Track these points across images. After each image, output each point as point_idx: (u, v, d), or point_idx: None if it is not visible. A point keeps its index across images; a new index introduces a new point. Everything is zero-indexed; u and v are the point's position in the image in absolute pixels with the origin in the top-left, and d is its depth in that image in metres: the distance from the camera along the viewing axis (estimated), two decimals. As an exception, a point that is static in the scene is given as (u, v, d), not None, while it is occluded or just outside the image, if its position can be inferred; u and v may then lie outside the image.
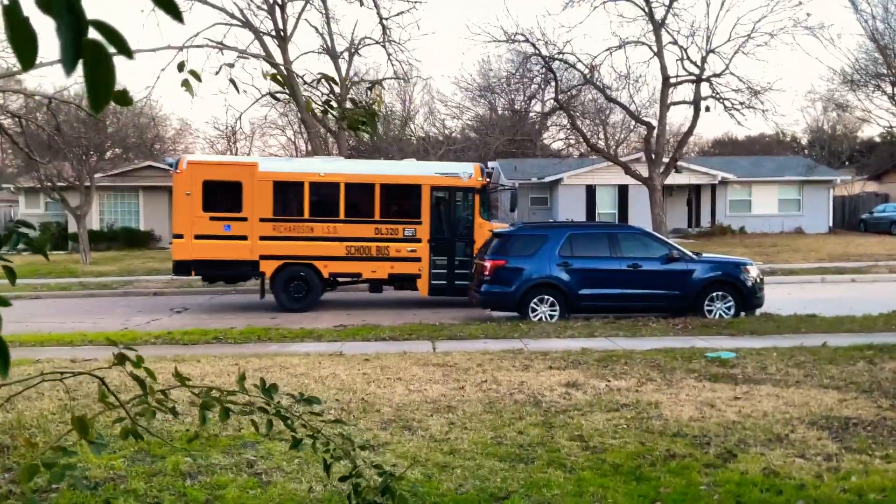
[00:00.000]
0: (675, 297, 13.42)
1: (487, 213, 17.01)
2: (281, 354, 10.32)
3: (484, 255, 13.94)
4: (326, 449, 2.35)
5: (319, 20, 28.66)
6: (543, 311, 13.37)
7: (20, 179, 34.95)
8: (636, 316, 13.16)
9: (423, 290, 16.32)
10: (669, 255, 13.52)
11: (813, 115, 53.39)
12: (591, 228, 14.74)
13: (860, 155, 49.32)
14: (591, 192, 36.91)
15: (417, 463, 5.65)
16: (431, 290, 16.31)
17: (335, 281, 16.87)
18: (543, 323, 12.96)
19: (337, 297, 18.70)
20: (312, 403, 2.32)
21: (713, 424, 6.58)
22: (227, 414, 2.19)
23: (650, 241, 13.97)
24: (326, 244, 16.00)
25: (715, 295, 13.41)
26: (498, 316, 14.22)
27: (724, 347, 10.31)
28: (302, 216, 16.09)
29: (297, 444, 2.31)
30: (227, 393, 2.21)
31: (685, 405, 7.25)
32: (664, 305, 13.44)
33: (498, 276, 13.43)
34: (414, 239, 16.22)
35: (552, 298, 13.38)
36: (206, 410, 2.14)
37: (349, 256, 16.11)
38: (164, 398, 2.04)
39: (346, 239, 16.09)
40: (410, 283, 16.45)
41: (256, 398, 2.33)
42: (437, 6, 35.78)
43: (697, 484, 5.14)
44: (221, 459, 5.80)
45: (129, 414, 2.04)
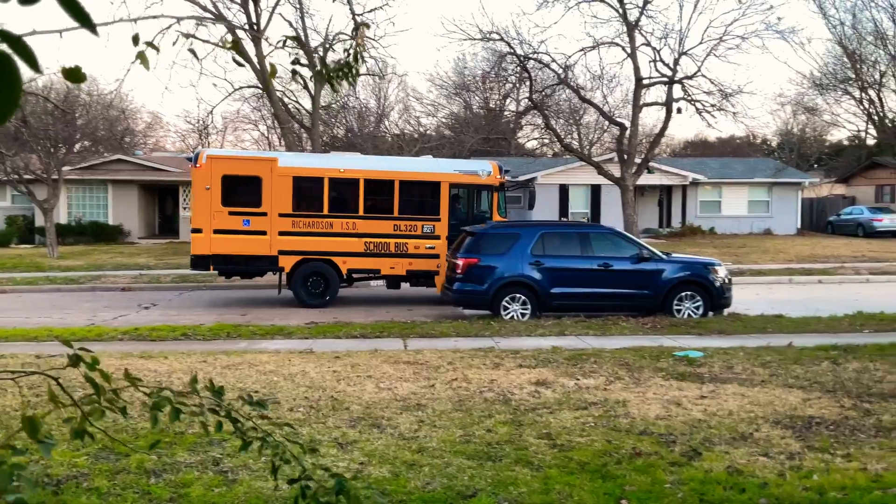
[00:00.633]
0: (644, 296, 13.54)
1: (505, 210, 17.05)
2: (250, 351, 10.24)
3: (457, 253, 13.95)
4: (276, 452, 2.34)
5: (293, 15, 28.47)
6: (515, 309, 13.41)
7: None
8: (607, 315, 13.26)
9: (440, 286, 16.11)
10: (640, 254, 13.64)
11: (783, 118, 54.13)
12: (562, 228, 14.82)
13: (828, 158, 50.17)
14: (564, 191, 37.13)
15: (385, 461, 5.64)
16: None
17: (351, 277, 16.77)
18: (515, 321, 13.00)
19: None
20: (263, 407, 2.31)
21: (679, 423, 6.65)
22: (177, 415, 2.17)
23: (621, 240, 14.08)
24: (345, 240, 15.99)
25: (684, 295, 13.55)
26: (470, 314, 14.24)
27: (691, 346, 10.42)
28: (321, 212, 16.05)
29: (245, 446, 2.30)
30: (178, 394, 2.19)
31: (652, 403, 7.32)
32: (634, 305, 13.56)
33: (470, 274, 13.46)
34: (432, 236, 16.28)
35: (524, 297, 13.44)
36: (156, 411, 2.12)
37: (368, 252, 16.11)
38: (115, 398, 2.02)
39: (364, 235, 16.09)
40: (428, 279, 16.46)
41: (209, 399, 2.31)
42: (412, 3, 35.72)
43: (662, 482, 5.19)
44: (187, 457, 5.74)
45: (83, 413, 2.01)
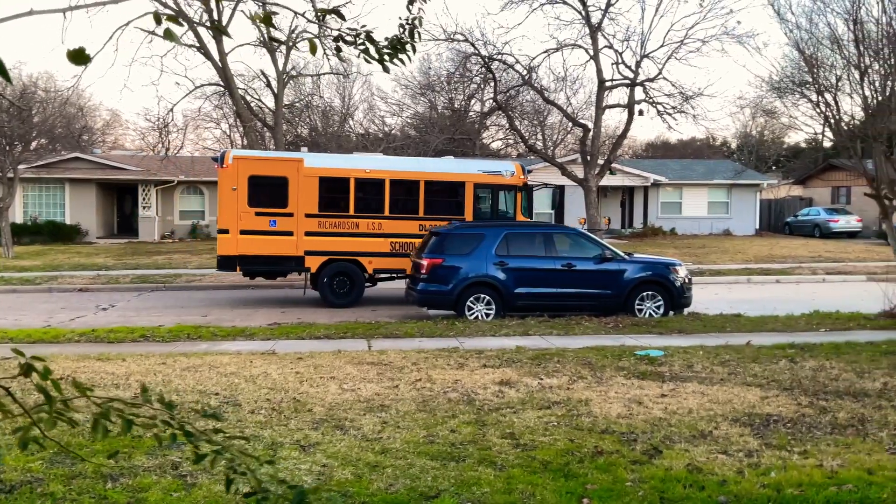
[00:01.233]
0: (607, 296, 13.67)
1: (528, 211, 16.87)
2: (211, 353, 10.10)
3: (421, 253, 13.93)
4: (230, 466, 2.30)
5: (256, 12, 28.16)
6: (479, 309, 13.45)
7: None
8: (570, 314, 13.36)
9: None
10: (602, 255, 13.77)
11: (742, 120, 55.09)
12: (526, 228, 14.90)
13: (786, 160, 51.19)
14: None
15: (348, 463, 5.60)
16: None
17: (374, 277, 16.75)
18: (479, 321, 13.03)
19: (273, 294, 18.44)
20: (217, 419, 2.27)
21: (640, 421, 6.72)
22: (129, 427, 2.13)
23: (584, 241, 14.19)
24: (371, 240, 16.07)
25: (645, 294, 13.72)
26: (434, 314, 14.23)
27: (652, 346, 10.55)
28: (347, 212, 16.10)
29: (200, 459, 2.25)
30: (130, 404, 2.15)
31: (614, 402, 7.38)
32: (597, 304, 13.68)
33: (435, 274, 13.46)
34: None
35: (488, 297, 13.48)
36: (104, 421, 2.07)
37: (393, 252, 16.19)
38: (64, 408, 1.97)
39: (390, 235, 16.17)
40: None
41: (161, 411, 2.27)
42: (376, 1, 35.59)
43: (623, 480, 5.24)
44: (145, 461, 5.64)
45: (33, 422, 1.96)
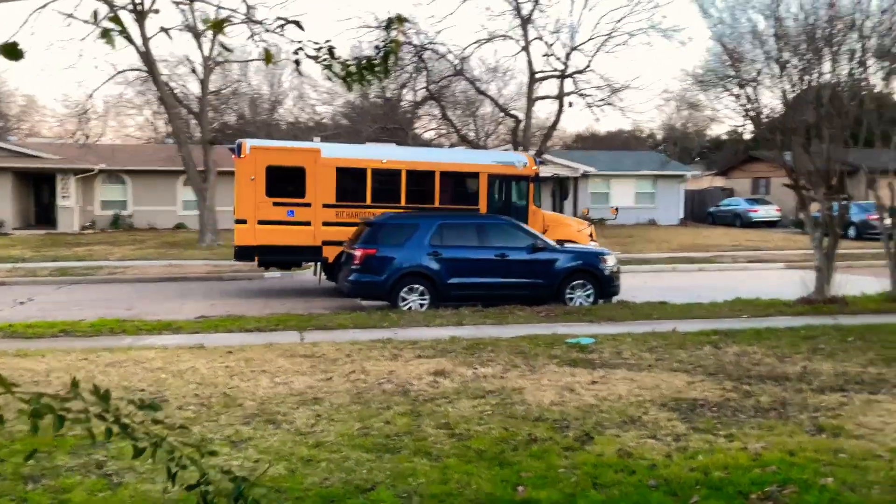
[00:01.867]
0: (539, 285, 13.84)
1: (539, 200, 17.41)
2: (136, 348, 9.77)
3: (354, 243, 13.81)
4: (171, 457, 2.21)
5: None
6: (414, 300, 13.42)
7: None
8: (503, 304, 13.46)
9: None
10: (535, 244, 13.93)
11: (667, 113, 56.57)
12: (460, 218, 14.94)
13: (709, 151, 52.82)
14: (460, 181, 37.35)
15: (281, 458, 5.51)
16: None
17: None
18: (413, 312, 13.01)
19: (201, 287, 17.98)
20: (155, 410, 2.18)
21: (572, 408, 6.83)
22: (61, 423, 2.01)
23: (517, 231, 14.31)
24: None
25: (576, 283, 13.94)
26: (368, 305, 14.14)
27: (583, 333, 10.73)
28: (364, 202, 16.06)
29: (139, 453, 2.16)
30: (61, 399, 2.03)
31: (547, 390, 7.48)
32: (530, 294, 13.83)
33: (368, 264, 13.36)
34: None
35: (422, 287, 13.46)
36: (37, 419, 1.96)
37: None
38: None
39: None
40: None
41: (95, 405, 2.16)
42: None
43: (557, 467, 5.31)
44: (68, 461, 5.42)
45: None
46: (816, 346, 9.79)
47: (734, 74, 15.45)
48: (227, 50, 16.94)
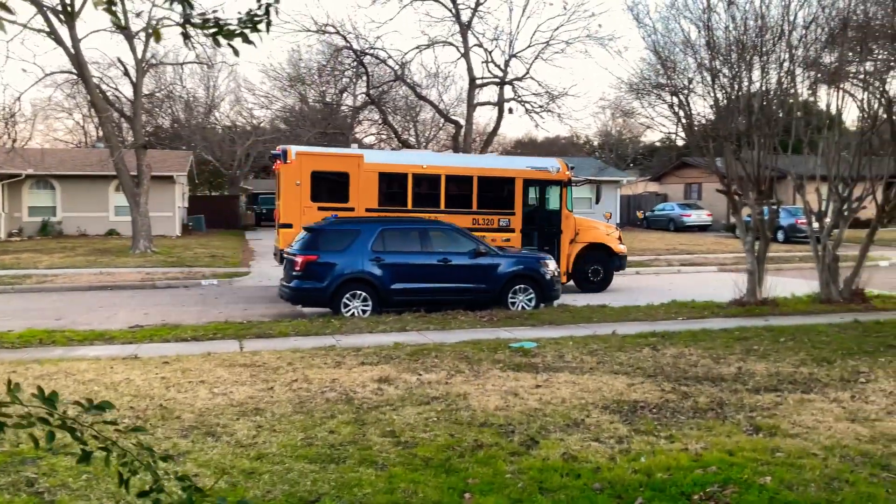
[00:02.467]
0: (482, 290, 13.89)
1: (572, 205, 17.90)
2: (67, 359, 9.40)
3: (294, 249, 13.61)
4: (123, 462, 2.10)
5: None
6: (356, 306, 13.30)
7: None
8: (447, 309, 13.46)
9: None
10: (477, 249, 13.98)
11: (603, 120, 57.68)
12: (402, 224, 14.89)
13: (643, 158, 54.03)
14: (401, 187, 37.30)
15: (221, 471, 5.36)
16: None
17: None
18: (356, 318, 12.88)
19: (134, 295, 17.45)
20: (104, 410, 2.05)
21: (517, 413, 6.85)
22: (0, 429, 1.89)
23: (459, 236, 14.34)
24: None
25: (518, 288, 14.05)
26: (310, 312, 13.95)
27: (526, 338, 10.81)
28: (405, 206, 16.49)
29: (86, 457, 2.03)
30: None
31: (491, 395, 7.49)
32: (473, 298, 13.87)
33: (309, 271, 13.18)
34: (508, 229, 17.01)
35: (365, 293, 13.35)
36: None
37: None
38: None
39: None
40: None
41: (37, 409, 2.04)
42: None
43: (503, 472, 5.31)
44: (-7, 481, 5.16)
45: None
46: (750, 347, 10.08)
47: (667, 83, 15.82)
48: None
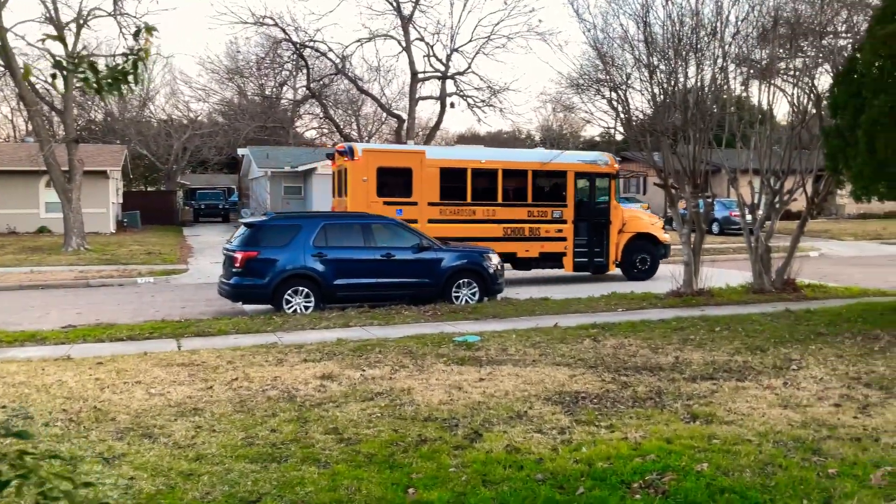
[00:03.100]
0: (426, 284, 13.88)
1: (619, 196, 18.45)
2: (-5, 362, 9.04)
3: (234, 245, 13.35)
4: (41, 492, 1.99)
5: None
6: (298, 302, 13.13)
7: None
8: (390, 304, 13.41)
9: (567, 266, 17.91)
10: (420, 244, 13.95)
11: (544, 115, 58.32)
12: (345, 219, 14.76)
13: (584, 152, 54.77)
14: (344, 182, 37.01)
15: (158, 473, 5.22)
16: (575, 266, 17.95)
17: None
18: (298, 315, 12.72)
19: (69, 294, 16.89)
20: (24, 438, 1.95)
21: (461, 406, 6.87)
22: None
23: (402, 230, 14.30)
24: (486, 226, 17.29)
25: (461, 282, 14.08)
26: (251, 309, 13.73)
27: (470, 331, 10.85)
28: (464, 200, 17.23)
29: (3, 486, 1.93)
30: None
31: (435, 389, 7.49)
32: (416, 293, 13.84)
33: (249, 267, 12.95)
34: (561, 220, 17.80)
35: (307, 289, 13.19)
36: None
37: (506, 237, 17.43)
38: None
39: (503, 221, 17.48)
40: (556, 260, 18.04)
41: None
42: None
43: (447, 466, 5.32)
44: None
45: None
46: (687, 336, 10.32)
47: (606, 78, 16.07)
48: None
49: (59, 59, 2.45)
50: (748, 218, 15.58)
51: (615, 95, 15.75)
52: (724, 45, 14.48)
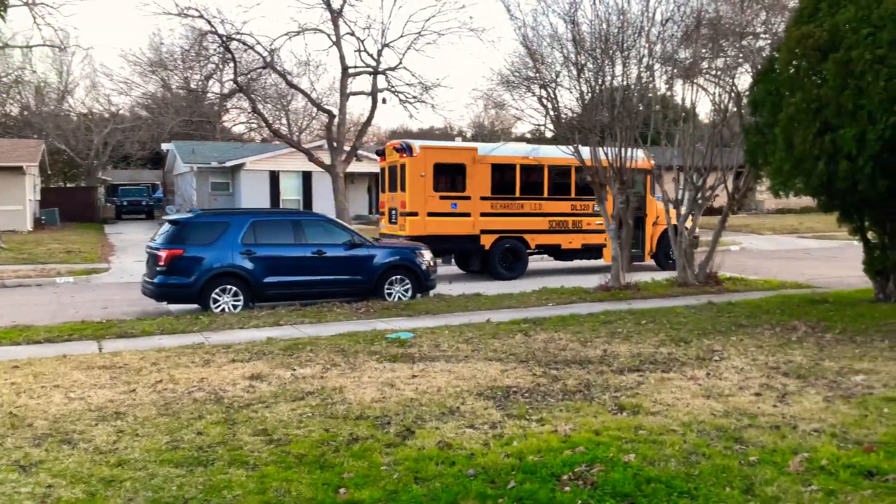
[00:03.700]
0: (358, 281, 13.77)
1: (655, 191, 18.94)
2: None
3: (158, 243, 12.96)
4: None
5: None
6: (226, 301, 12.85)
7: None
8: (322, 302, 13.26)
9: (607, 257, 17.99)
10: (352, 241, 13.83)
11: (476, 111, 58.62)
12: (274, 216, 14.50)
13: (516, 149, 55.34)
14: (275, 177, 36.50)
15: (78, 480, 5.02)
16: (614, 258, 17.68)
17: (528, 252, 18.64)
18: (226, 314, 12.45)
19: (-22, 295, 16.10)
20: None
21: (393, 403, 6.84)
22: None
23: (333, 227, 14.16)
24: (533, 219, 18.35)
25: (394, 278, 14.03)
26: (176, 309, 13.36)
27: (402, 328, 10.82)
28: (514, 194, 18.19)
29: None
30: None
31: (367, 387, 7.44)
32: (348, 290, 13.73)
33: (175, 266, 12.60)
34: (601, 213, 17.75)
35: (235, 288, 12.91)
36: None
37: (551, 230, 18.57)
38: None
39: (548, 214, 18.52)
40: (597, 252, 19.05)
41: None
42: None
43: (379, 465, 5.28)
44: None
45: None
46: (615, 329, 10.54)
47: (536, 76, 16.25)
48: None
49: None
50: (672, 213, 16.00)
51: (545, 93, 15.96)
52: (650, 43, 14.83)
